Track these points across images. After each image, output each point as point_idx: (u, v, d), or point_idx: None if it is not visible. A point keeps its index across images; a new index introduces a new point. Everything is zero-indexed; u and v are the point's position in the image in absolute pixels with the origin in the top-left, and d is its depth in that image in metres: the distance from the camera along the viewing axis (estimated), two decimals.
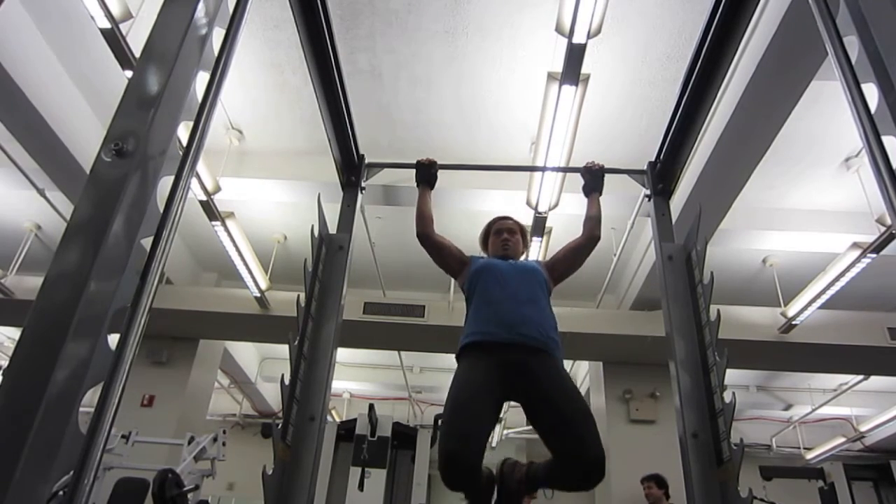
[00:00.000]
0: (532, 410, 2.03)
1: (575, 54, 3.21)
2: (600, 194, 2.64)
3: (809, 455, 9.48)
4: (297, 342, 2.24)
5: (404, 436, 6.33)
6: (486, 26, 4.02)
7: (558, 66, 3.38)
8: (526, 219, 4.78)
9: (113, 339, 1.03)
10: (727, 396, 2.06)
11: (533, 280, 2.27)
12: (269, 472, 1.97)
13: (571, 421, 1.91)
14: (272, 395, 9.72)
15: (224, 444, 5.19)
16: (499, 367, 2.02)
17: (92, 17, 3.19)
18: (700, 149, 4.21)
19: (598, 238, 2.49)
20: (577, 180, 2.73)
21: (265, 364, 9.35)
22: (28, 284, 5.95)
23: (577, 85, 3.48)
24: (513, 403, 2.13)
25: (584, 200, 2.63)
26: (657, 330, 2.99)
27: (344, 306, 2.52)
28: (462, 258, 2.44)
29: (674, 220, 2.71)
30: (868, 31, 1.25)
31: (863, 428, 8.89)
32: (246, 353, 8.78)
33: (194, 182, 4.32)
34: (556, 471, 1.94)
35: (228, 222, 4.98)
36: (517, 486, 2.08)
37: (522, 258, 2.55)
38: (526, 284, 2.24)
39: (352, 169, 2.87)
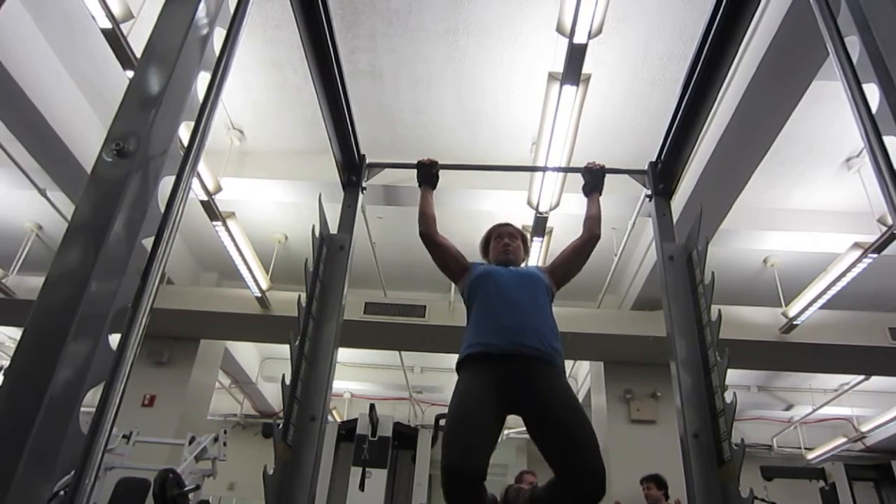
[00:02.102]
0: (533, 424, 2.00)
1: (576, 54, 3.21)
2: (601, 194, 2.64)
3: (810, 455, 9.47)
4: (297, 342, 2.24)
5: (405, 436, 6.33)
6: (487, 26, 4.02)
7: (559, 67, 3.38)
8: (527, 219, 4.80)
9: (114, 339, 1.03)
10: (728, 396, 2.05)
11: (534, 287, 2.25)
12: (270, 472, 1.97)
13: (572, 436, 1.88)
14: (273, 395, 9.72)
15: (225, 444, 5.20)
16: (499, 379, 1.99)
17: (93, 17, 3.19)
18: (701, 149, 4.21)
19: (599, 237, 2.47)
20: (578, 180, 2.73)
21: (266, 364, 9.36)
22: (29, 284, 5.95)
23: (577, 85, 3.48)
24: None
25: (585, 200, 2.63)
26: (658, 330, 2.99)
27: (345, 306, 2.52)
28: (463, 263, 2.43)
29: (675, 221, 2.70)
30: (869, 30, 1.24)
31: (864, 428, 8.88)
32: (247, 353, 8.78)
33: (195, 182, 4.32)
34: (556, 488, 1.91)
35: (229, 222, 4.98)
36: None
37: (523, 265, 2.53)
38: (527, 291, 2.21)
39: (352, 169, 2.87)
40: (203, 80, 1.36)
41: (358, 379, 9.41)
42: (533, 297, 2.20)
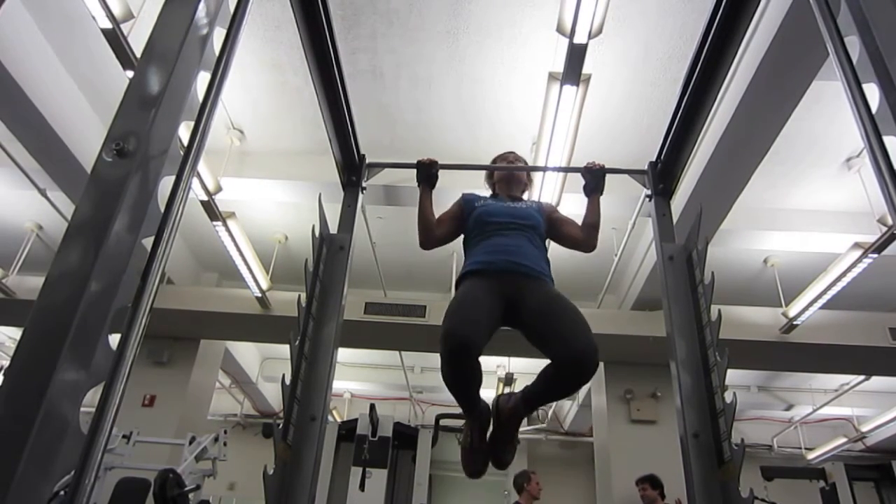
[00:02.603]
0: (529, 325, 2.10)
1: (576, 54, 3.21)
2: (601, 194, 2.64)
3: (811, 455, 9.47)
4: (297, 342, 2.24)
5: (405, 436, 6.34)
6: (488, 26, 4.02)
7: (559, 67, 3.38)
8: None
9: (114, 339, 1.03)
10: (728, 397, 2.05)
11: (530, 226, 2.36)
12: (270, 472, 1.97)
13: (562, 320, 2.01)
14: (273, 395, 9.72)
15: (225, 444, 5.20)
16: (497, 289, 2.13)
17: (93, 18, 3.19)
18: (701, 149, 4.21)
19: (593, 248, 2.49)
20: (578, 180, 2.72)
21: (266, 364, 9.36)
22: (29, 284, 5.96)
23: (578, 85, 3.48)
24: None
25: (585, 201, 2.63)
26: (658, 330, 2.99)
27: (345, 306, 2.52)
28: (461, 216, 2.49)
29: (675, 221, 2.70)
30: (869, 30, 1.24)
31: (864, 428, 8.88)
32: (247, 353, 8.79)
33: (195, 182, 4.32)
34: (550, 374, 1.98)
35: (229, 222, 4.98)
36: (511, 413, 2.10)
37: (525, 196, 2.68)
38: (522, 232, 2.33)
39: (353, 169, 2.87)
40: (203, 80, 1.36)
41: (358, 379, 9.41)
42: (527, 234, 2.33)
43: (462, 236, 2.49)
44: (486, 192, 2.72)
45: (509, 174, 2.62)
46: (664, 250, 2.52)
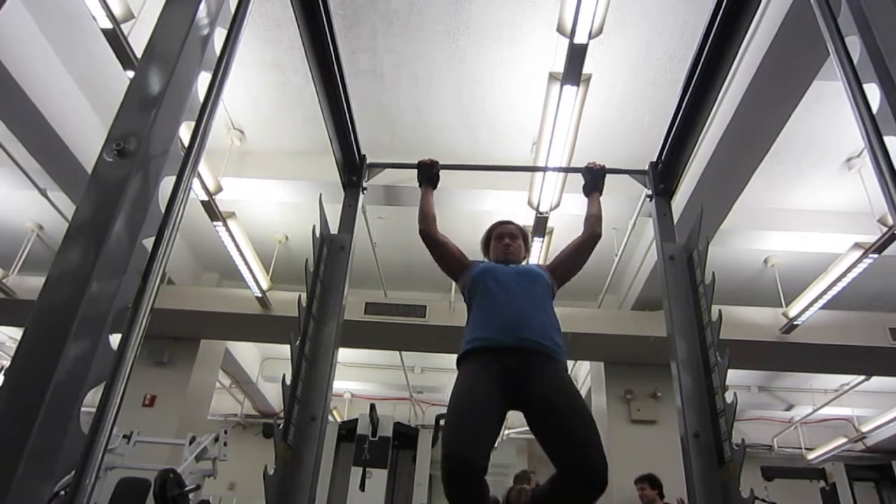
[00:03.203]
0: (534, 418, 1.99)
1: (576, 54, 3.21)
2: (601, 194, 2.64)
3: (811, 455, 9.47)
4: (298, 342, 2.24)
5: (405, 436, 6.34)
6: (488, 26, 4.02)
7: (560, 67, 3.38)
8: (527, 219, 4.80)
9: (114, 339, 1.03)
10: (728, 397, 2.05)
11: (535, 284, 2.25)
12: (271, 472, 1.97)
13: (573, 430, 1.87)
14: (273, 395, 9.72)
15: (225, 444, 5.20)
16: (501, 373, 1.99)
17: (94, 18, 3.19)
18: (701, 149, 4.21)
19: (600, 235, 2.49)
20: (579, 180, 2.73)
21: (266, 364, 9.36)
22: (30, 284, 5.96)
23: (578, 85, 3.48)
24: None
25: (585, 200, 2.64)
26: (658, 330, 2.99)
27: (345, 306, 2.52)
28: (463, 261, 2.43)
29: (675, 221, 2.70)
30: (870, 30, 1.24)
31: (864, 428, 8.87)
32: (247, 353, 8.79)
33: (196, 182, 4.32)
34: (558, 484, 1.89)
35: (230, 222, 4.98)
36: None
37: (524, 263, 2.53)
38: (527, 288, 2.22)
39: (353, 169, 2.87)
40: (204, 80, 1.36)
41: (358, 379, 9.41)
42: (534, 294, 2.20)
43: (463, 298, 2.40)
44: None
45: (507, 245, 2.48)
46: (665, 250, 2.53)
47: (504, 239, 2.50)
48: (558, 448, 1.88)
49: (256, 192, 5.38)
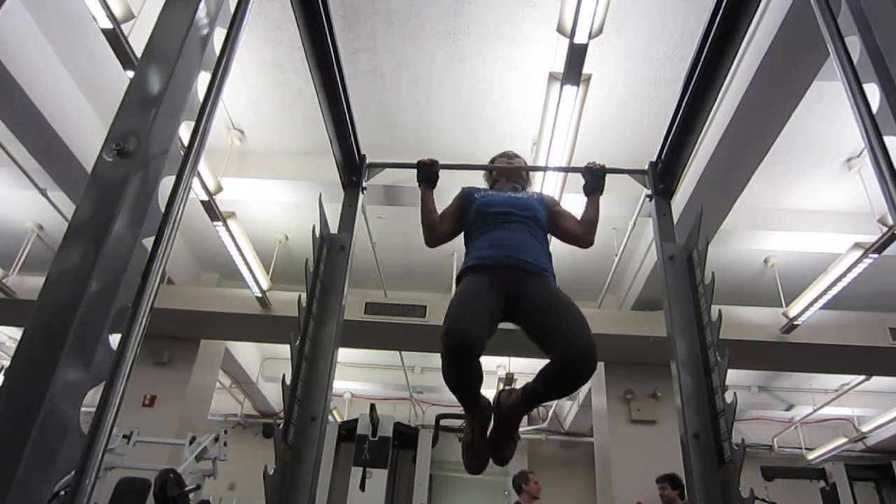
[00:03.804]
0: (528, 317, 2.11)
1: (576, 54, 3.21)
2: (601, 194, 2.64)
3: (811, 455, 9.47)
4: (298, 342, 2.24)
5: (405, 436, 6.34)
6: (488, 26, 4.02)
7: (560, 67, 3.38)
8: None
9: (114, 339, 1.03)
10: (728, 397, 2.05)
11: (530, 218, 2.35)
12: (271, 472, 1.97)
13: (564, 317, 2.02)
14: (273, 395, 9.72)
15: (225, 444, 5.20)
16: (497, 284, 2.14)
17: (94, 18, 3.19)
18: (701, 149, 4.21)
19: (590, 244, 2.52)
20: (579, 180, 2.73)
21: (266, 364, 9.36)
22: (30, 284, 5.96)
23: (578, 85, 3.48)
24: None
25: (585, 201, 2.64)
26: (658, 330, 2.99)
27: (345, 306, 2.52)
28: (462, 209, 2.50)
29: (675, 221, 2.70)
30: (870, 30, 1.24)
31: (864, 428, 8.87)
32: (247, 353, 8.79)
33: (196, 182, 4.32)
34: (549, 372, 1.97)
35: (230, 222, 4.98)
36: (512, 409, 2.08)
37: (526, 191, 2.64)
38: (523, 221, 2.33)
39: (353, 169, 2.87)
40: (203, 80, 1.36)
41: (358, 379, 9.41)
42: (529, 227, 2.33)
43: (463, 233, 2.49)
44: (485, 185, 2.73)
45: (510, 159, 2.67)
46: (665, 250, 2.53)
47: (505, 158, 2.69)
48: (550, 338, 2.00)
49: (256, 192, 5.38)
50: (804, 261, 5.93)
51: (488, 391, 2.01)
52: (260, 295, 5.92)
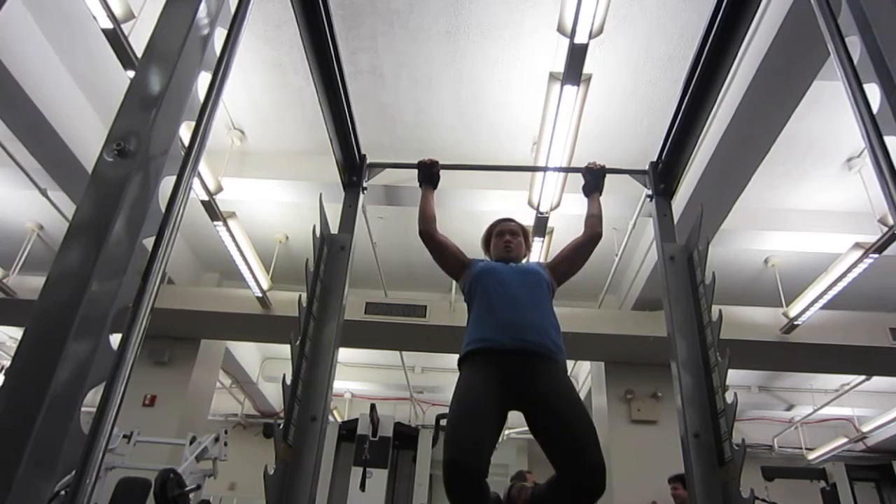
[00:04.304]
0: (534, 419, 2.01)
1: (577, 54, 3.21)
2: (601, 194, 2.64)
3: (811, 455, 9.47)
4: (298, 342, 2.24)
5: (406, 436, 6.33)
6: (488, 26, 4.02)
7: (560, 67, 3.38)
8: (527, 219, 4.80)
9: (115, 339, 1.03)
10: (729, 397, 2.05)
11: (535, 283, 2.26)
12: (271, 472, 1.97)
13: (572, 430, 1.89)
14: (274, 395, 9.72)
15: (226, 444, 5.20)
16: (501, 375, 2.01)
17: (94, 18, 3.19)
18: (702, 149, 4.21)
19: (601, 235, 2.50)
20: (579, 180, 2.73)
21: (267, 364, 9.36)
22: (30, 284, 5.96)
23: (578, 85, 3.48)
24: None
25: (586, 201, 2.64)
26: (659, 330, 3.00)
27: (345, 306, 2.52)
28: (463, 260, 2.44)
29: (675, 221, 2.70)
30: (870, 30, 1.24)
31: (865, 428, 8.87)
32: (247, 353, 8.79)
33: (196, 182, 4.32)
34: (556, 486, 1.91)
35: (230, 222, 4.98)
36: None
37: (524, 261, 2.54)
38: (527, 288, 2.23)
39: (353, 169, 2.87)
40: (204, 80, 1.36)
41: (359, 379, 9.41)
42: (534, 294, 2.21)
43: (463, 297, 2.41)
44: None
45: (508, 242, 2.49)
46: (665, 250, 2.53)
47: (505, 236, 2.51)
48: (557, 449, 1.89)
49: (257, 192, 5.38)
50: (804, 261, 5.93)
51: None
52: (260, 295, 5.92)
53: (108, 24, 3.19)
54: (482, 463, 1.80)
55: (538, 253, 5.16)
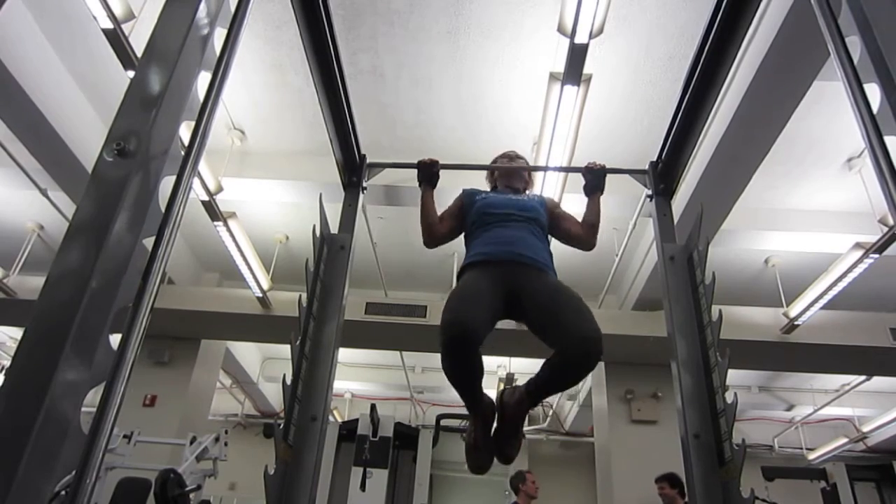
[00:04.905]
0: (530, 313, 2.11)
1: (577, 54, 3.21)
2: (601, 194, 2.64)
3: (812, 456, 9.46)
4: (298, 342, 2.24)
5: (406, 436, 6.34)
6: (488, 26, 4.02)
7: (560, 66, 3.38)
8: None
9: (115, 339, 1.03)
10: (729, 397, 2.05)
11: (532, 219, 2.35)
12: (271, 472, 1.97)
13: (566, 308, 2.00)
14: (274, 396, 9.72)
15: (226, 444, 5.20)
16: (498, 274, 2.15)
17: (94, 18, 3.19)
18: (702, 149, 4.21)
19: (592, 247, 2.52)
20: (579, 180, 2.73)
21: (267, 364, 9.36)
22: (30, 284, 5.96)
23: (578, 85, 3.48)
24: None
25: (586, 200, 2.64)
26: (659, 330, 2.99)
27: (345, 306, 2.52)
28: (462, 209, 2.50)
29: (675, 221, 2.70)
30: (870, 30, 1.24)
31: (865, 428, 8.87)
32: (248, 353, 8.79)
33: (196, 182, 4.32)
34: (554, 364, 1.96)
35: (230, 222, 4.98)
36: (516, 406, 2.07)
37: (527, 193, 2.64)
38: (525, 221, 2.33)
39: (353, 169, 2.87)
40: (204, 80, 1.36)
41: (359, 379, 9.41)
42: (530, 227, 2.33)
43: (463, 234, 2.49)
44: (487, 187, 2.73)
45: (511, 159, 2.66)
46: (665, 250, 2.52)
47: (506, 158, 2.68)
48: (554, 329, 1.99)
49: (257, 192, 5.38)
50: (805, 261, 5.93)
51: (490, 391, 1.99)
52: (260, 295, 5.92)
53: (109, 24, 3.19)
54: (479, 327, 1.88)
55: None
